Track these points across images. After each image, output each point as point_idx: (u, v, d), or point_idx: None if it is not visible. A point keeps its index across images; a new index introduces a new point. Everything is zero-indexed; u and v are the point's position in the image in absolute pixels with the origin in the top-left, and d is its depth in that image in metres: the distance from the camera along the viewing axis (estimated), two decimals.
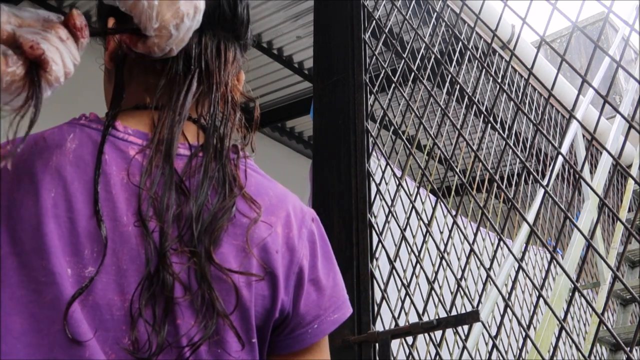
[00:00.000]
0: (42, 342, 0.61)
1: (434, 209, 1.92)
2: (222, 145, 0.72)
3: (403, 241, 1.77)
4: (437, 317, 1.54)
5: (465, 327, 1.78)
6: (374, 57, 2.01)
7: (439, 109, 2.08)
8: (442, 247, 1.88)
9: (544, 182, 1.73)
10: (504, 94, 2.72)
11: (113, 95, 0.75)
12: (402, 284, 1.70)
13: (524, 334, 1.53)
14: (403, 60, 2.08)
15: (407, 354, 1.64)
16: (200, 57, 0.75)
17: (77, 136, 0.68)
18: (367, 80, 1.96)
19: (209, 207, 0.68)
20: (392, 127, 1.99)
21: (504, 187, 1.83)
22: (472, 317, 1.47)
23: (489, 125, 1.83)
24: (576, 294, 1.53)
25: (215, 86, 0.75)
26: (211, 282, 0.65)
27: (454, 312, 1.67)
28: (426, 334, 1.58)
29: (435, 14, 2.38)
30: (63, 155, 0.66)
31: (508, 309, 1.58)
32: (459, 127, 1.88)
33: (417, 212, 1.84)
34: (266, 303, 0.71)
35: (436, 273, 1.84)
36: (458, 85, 2.00)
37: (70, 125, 0.70)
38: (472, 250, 1.70)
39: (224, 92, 0.75)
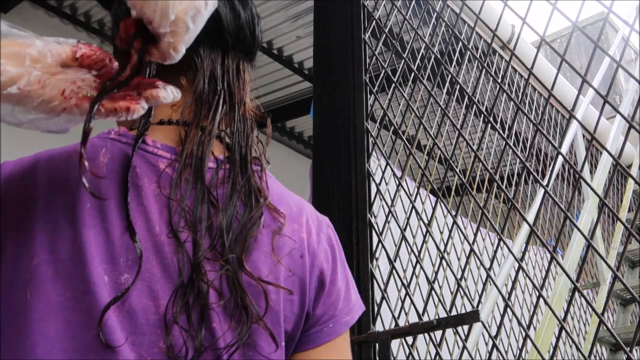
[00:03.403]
0: (77, 347, 0.63)
1: (434, 209, 1.92)
2: (246, 160, 0.76)
3: (403, 241, 1.77)
4: (437, 317, 1.54)
5: (465, 327, 1.78)
6: (374, 57, 2.01)
7: (439, 109, 2.08)
8: (442, 247, 1.88)
9: (544, 182, 1.73)
10: (504, 94, 2.72)
11: None
12: (402, 284, 1.70)
13: (524, 334, 1.53)
14: (403, 60, 2.08)
15: (407, 354, 1.64)
16: (224, 78, 0.78)
17: (109, 150, 0.71)
18: (367, 80, 1.96)
19: (237, 217, 0.71)
20: (392, 127, 1.99)
21: (504, 187, 1.83)
22: (472, 317, 1.47)
23: (489, 125, 1.83)
24: (576, 294, 1.53)
25: (236, 105, 0.78)
26: (245, 288, 0.69)
27: (454, 312, 1.67)
28: (426, 334, 1.58)
29: (435, 14, 2.37)
30: (96, 169, 0.69)
31: (508, 309, 1.58)
32: (459, 127, 1.88)
33: (417, 212, 1.84)
34: (294, 307, 0.75)
35: (436, 273, 1.84)
36: (458, 85, 2.00)
37: (101, 139, 0.73)
38: (472, 250, 1.70)
39: (243, 112, 0.79)
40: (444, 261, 1.85)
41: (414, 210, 1.83)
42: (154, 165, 0.71)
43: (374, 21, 2.11)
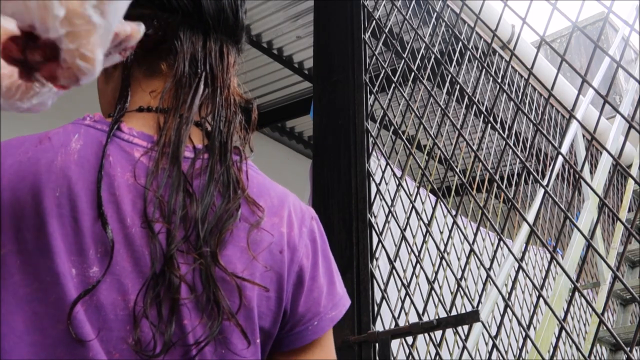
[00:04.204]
0: (45, 341, 0.61)
1: (434, 209, 1.92)
2: (225, 148, 0.73)
3: (403, 241, 1.77)
4: (437, 317, 1.54)
5: (465, 327, 1.78)
6: (374, 57, 2.01)
7: (439, 109, 2.08)
8: (442, 247, 1.88)
9: (544, 182, 1.73)
10: (504, 94, 2.72)
11: (119, 96, 0.75)
12: (402, 284, 1.70)
13: (524, 334, 1.53)
14: (403, 60, 2.08)
15: (407, 354, 1.64)
16: (205, 61, 0.75)
17: (82, 137, 0.68)
18: (367, 80, 1.96)
19: (214, 209, 0.69)
20: (392, 127, 1.99)
21: (504, 187, 1.83)
22: (472, 317, 1.47)
23: (489, 125, 1.83)
24: (576, 294, 1.53)
25: (219, 89, 0.75)
26: (218, 284, 0.66)
27: (454, 312, 1.67)
28: (426, 334, 1.58)
29: (435, 14, 2.38)
30: (68, 155, 0.66)
31: (508, 309, 1.58)
32: (459, 127, 1.88)
33: (417, 212, 1.84)
34: (271, 304, 0.72)
35: (436, 273, 1.84)
36: (458, 85, 2.00)
37: (75, 125, 0.70)
38: (472, 250, 1.70)
39: (227, 95, 0.76)
40: (444, 261, 1.85)
41: (414, 210, 1.83)
42: (128, 153, 0.69)
43: (374, 21, 2.11)
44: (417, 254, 1.78)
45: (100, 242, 0.64)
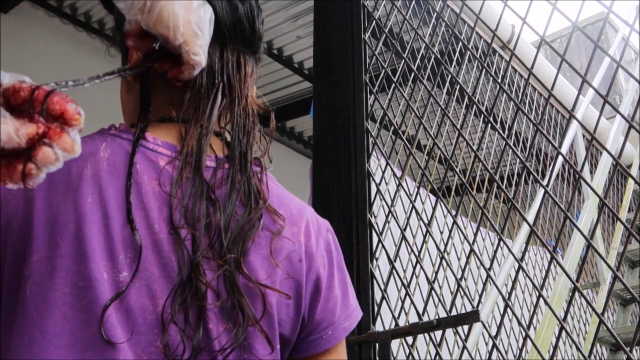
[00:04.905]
0: (75, 344, 0.62)
1: (434, 209, 1.92)
2: (246, 158, 0.75)
3: (403, 241, 1.77)
4: (437, 317, 1.54)
5: (465, 327, 1.78)
6: (374, 57, 2.01)
7: (439, 109, 2.08)
8: (442, 247, 1.88)
9: (544, 182, 1.73)
10: (504, 94, 2.72)
11: (141, 107, 0.77)
12: (402, 284, 1.70)
13: (524, 334, 1.53)
14: (403, 60, 2.08)
15: (407, 354, 1.64)
16: (223, 71, 0.77)
17: (110, 145, 0.71)
18: (367, 80, 1.96)
19: (236, 217, 0.71)
20: (392, 127, 1.99)
21: (504, 187, 1.83)
22: (472, 317, 1.47)
23: (489, 125, 1.83)
24: (576, 294, 1.53)
25: (237, 99, 0.77)
26: (241, 290, 0.68)
27: (454, 312, 1.67)
28: (426, 334, 1.58)
29: (435, 14, 2.37)
30: (97, 164, 0.68)
31: (508, 309, 1.58)
32: (459, 127, 1.88)
33: (417, 212, 1.84)
34: (290, 311, 0.75)
35: (436, 273, 1.84)
36: (458, 85, 2.00)
37: (101, 134, 0.73)
38: (472, 250, 1.70)
39: (245, 105, 0.78)
40: (444, 261, 1.85)
41: (414, 210, 1.83)
42: (154, 162, 0.71)
43: (374, 21, 2.10)
44: (417, 254, 1.78)
45: (129, 248, 0.66)
